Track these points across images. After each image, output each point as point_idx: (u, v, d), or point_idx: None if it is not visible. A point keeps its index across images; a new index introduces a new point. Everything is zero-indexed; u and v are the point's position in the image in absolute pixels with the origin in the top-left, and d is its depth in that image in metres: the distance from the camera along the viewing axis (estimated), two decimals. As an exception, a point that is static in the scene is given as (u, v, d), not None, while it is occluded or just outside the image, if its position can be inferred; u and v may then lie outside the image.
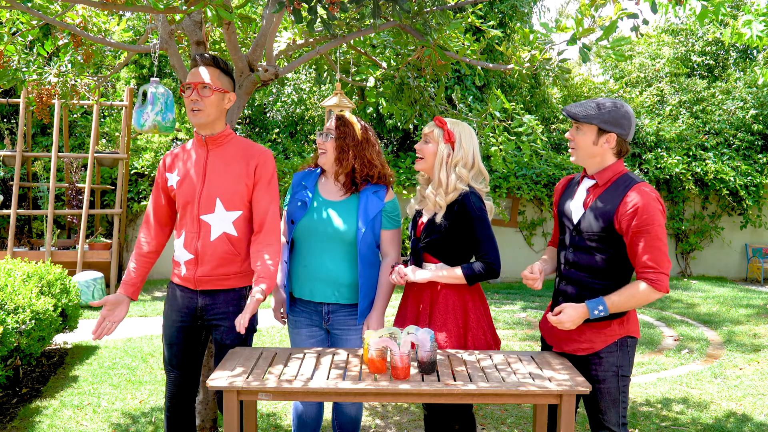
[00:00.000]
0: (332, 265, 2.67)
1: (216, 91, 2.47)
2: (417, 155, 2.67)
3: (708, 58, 12.63)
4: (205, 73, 2.47)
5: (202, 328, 2.64)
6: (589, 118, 2.33)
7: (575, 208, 2.43)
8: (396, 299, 7.13)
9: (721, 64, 12.68)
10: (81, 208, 8.13)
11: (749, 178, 10.41)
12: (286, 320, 2.85)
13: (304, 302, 2.75)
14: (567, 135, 2.43)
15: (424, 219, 2.68)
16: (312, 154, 2.88)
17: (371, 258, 2.69)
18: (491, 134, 3.58)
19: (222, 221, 2.48)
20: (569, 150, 2.45)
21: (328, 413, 3.65)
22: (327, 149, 2.68)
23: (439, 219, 2.58)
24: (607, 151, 2.36)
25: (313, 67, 4.29)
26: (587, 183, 2.43)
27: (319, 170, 2.81)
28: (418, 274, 2.60)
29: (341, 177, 2.69)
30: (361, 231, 2.62)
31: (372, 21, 3.08)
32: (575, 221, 2.41)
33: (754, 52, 12.32)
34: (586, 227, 2.36)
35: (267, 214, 2.50)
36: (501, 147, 3.51)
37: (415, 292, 2.68)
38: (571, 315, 2.31)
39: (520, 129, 3.53)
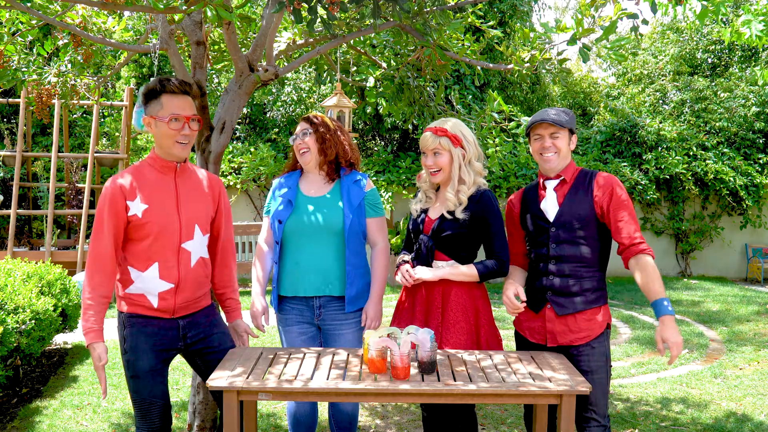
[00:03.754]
0: (321, 258, 2.73)
1: (200, 122, 2.42)
2: (432, 170, 2.68)
3: (712, 56, 12.60)
4: (191, 105, 2.39)
5: (174, 355, 2.50)
6: (568, 123, 2.52)
7: (549, 207, 2.54)
8: (393, 298, 7.13)
9: (725, 62, 12.65)
10: (81, 208, 8.13)
11: (749, 178, 10.40)
12: (265, 328, 2.85)
13: (296, 299, 2.78)
14: (547, 144, 2.53)
15: (433, 216, 2.70)
16: (287, 161, 2.96)
17: (357, 247, 2.77)
18: (488, 135, 3.59)
19: (199, 246, 2.47)
20: (549, 156, 2.54)
21: (323, 411, 3.65)
22: (309, 145, 2.77)
23: (459, 214, 2.62)
24: (570, 150, 2.58)
25: (313, 67, 4.29)
26: (552, 183, 2.57)
27: (298, 172, 2.89)
28: (431, 273, 2.61)
29: (325, 166, 2.81)
30: (349, 218, 2.71)
31: (372, 21, 3.08)
32: (553, 219, 2.51)
33: (759, 49, 12.27)
34: (568, 219, 2.49)
35: (231, 236, 2.66)
36: (497, 149, 3.52)
37: (425, 291, 2.68)
38: (672, 331, 2.30)
39: (517, 131, 3.54)
